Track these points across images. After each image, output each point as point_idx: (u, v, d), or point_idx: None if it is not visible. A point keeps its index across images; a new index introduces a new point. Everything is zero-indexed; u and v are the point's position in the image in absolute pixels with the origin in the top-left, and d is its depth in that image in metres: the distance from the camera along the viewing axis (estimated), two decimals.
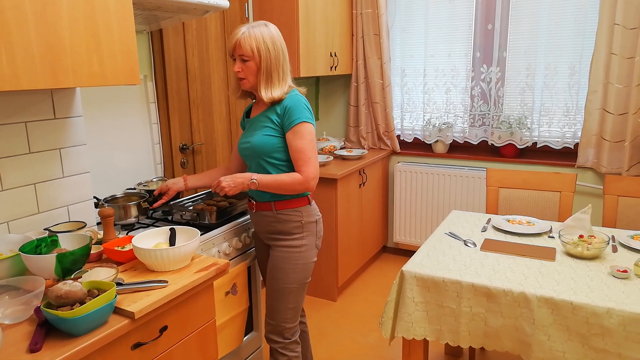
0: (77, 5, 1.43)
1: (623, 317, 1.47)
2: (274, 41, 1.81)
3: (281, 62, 1.82)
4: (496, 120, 3.49)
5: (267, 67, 1.80)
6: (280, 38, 1.84)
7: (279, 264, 1.89)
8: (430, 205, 3.69)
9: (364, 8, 3.61)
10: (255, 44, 1.77)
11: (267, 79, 1.81)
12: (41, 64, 1.35)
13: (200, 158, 2.83)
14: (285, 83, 1.84)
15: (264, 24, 1.83)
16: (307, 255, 1.90)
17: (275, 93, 1.81)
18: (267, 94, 1.81)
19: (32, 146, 1.70)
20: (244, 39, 1.77)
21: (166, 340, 1.45)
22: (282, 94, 1.82)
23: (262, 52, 1.78)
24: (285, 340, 1.94)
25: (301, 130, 1.79)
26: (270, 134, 1.82)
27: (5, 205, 1.64)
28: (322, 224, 1.98)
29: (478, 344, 1.71)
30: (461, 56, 3.54)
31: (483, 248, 1.97)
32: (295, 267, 1.88)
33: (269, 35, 1.80)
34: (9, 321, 1.25)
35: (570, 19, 3.15)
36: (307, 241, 1.90)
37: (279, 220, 1.88)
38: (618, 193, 2.39)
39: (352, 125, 3.90)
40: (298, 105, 1.80)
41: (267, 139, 1.82)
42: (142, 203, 2.04)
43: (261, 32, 1.79)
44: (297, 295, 1.92)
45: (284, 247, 1.89)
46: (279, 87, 1.82)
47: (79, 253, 1.44)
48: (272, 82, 1.81)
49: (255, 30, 1.79)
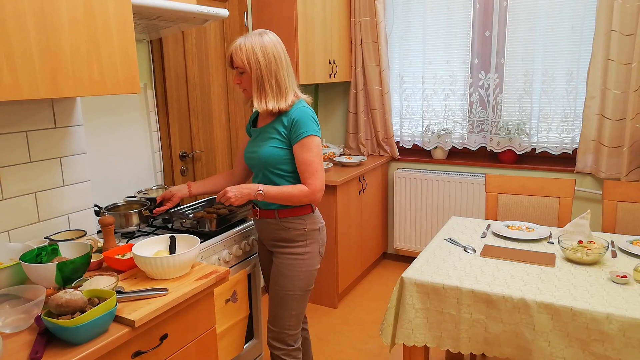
0: (77, 15, 1.44)
1: (623, 322, 1.47)
2: (266, 51, 1.76)
3: (274, 72, 1.78)
4: (495, 126, 3.50)
5: (257, 78, 1.77)
6: (276, 47, 1.79)
7: (283, 271, 1.89)
8: (430, 211, 3.69)
9: (363, 16, 3.63)
10: (245, 57, 1.76)
11: (260, 90, 1.79)
12: (42, 74, 1.36)
13: (200, 165, 2.84)
14: (283, 93, 1.80)
15: (259, 33, 1.80)
16: (310, 262, 1.90)
17: (269, 104, 1.79)
18: (261, 105, 1.79)
19: (33, 155, 1.71)
20: (236, 51, 1.77)
21: (166, 348, 1.45)
22: (282, 105, 1.80)
23: (252, 63, 1.76)
24: (288, 347, 1.93)
25: (308, 143, 1.78)
26: (277, 145, 1.82)
27: (6, 214, 1.64)
28: (325, 231, 1.98)
29: (478, 350, 1.71)
30: (459, 63, 3.56)
31: (483, 254, 1.98)
32: (298, 275, 1.88)
33: (259, 45, 1.76)
34: (10, 330, 1.25)
35: (567, 25, 3.17)
36: (311, 249, 1.90)
37: (282, 228, 1.88)
38: (617, 198, 2.40)
39: (351, 132, 3.92)
40: (305, 118, 1.79)
41: (274, 151, 1.81)
42: (144, 211, 2.04)
43: (252, 43, 1.76)
44: (300, 302, 1.92)
45: (287, 254, 1.89)
46: (272, 98, 1.79)
47: (80, 262, 1.44)
48: (265, 93, 1.79)
49: (247, 41, 1.77)
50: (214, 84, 2.89)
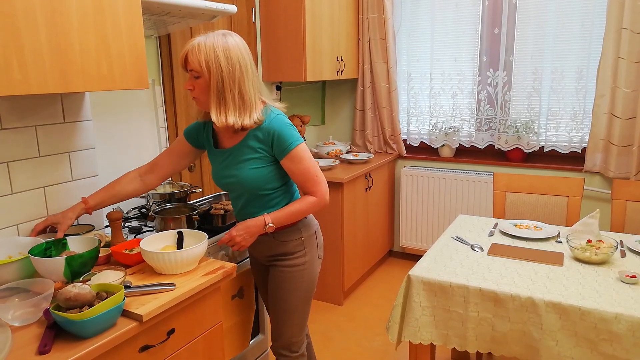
0: (86, 11, 1.44)
1: (632, 322, 1.46)
2: (229, 55, 1.52)
3: (237, 81, 1.53)
4: (503, 124, 3.48)
5: (217, 86, 1.52)
6: (241, 52, 1.55)
7: (282, 285, 1.77)
8: (437, 209, 3.68)
9: (371, 12, 3.62)
10: (204, 58, 1.50)
11: (219, 101, 1.54)
12: (51, 69, 1.37)
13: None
14: (247, 107, 1.57)
15: (223, 33, 1.55)
16: (310, 271, 1.79)
17: (230, 119, 1.54)
18: (220, 119, 1.54)
19: (42, 150, 1.72)
20: (193, 51, 1.52)
21: (173, 343, 1.45)
22: (247, 122, 1.56)
23: (212, 67, 1.51)
24: (293, 353, 1.88)
25: (298, 154, 1.61)
26: (258, 165, 1.63)
27: (15, 208, 1.65)
28: (320, 231, 1.87)
29: (485, 349, 1.70)
30: (467, 60, 3.54)
31: (490, 253, 1.97)
32: (300, 286, 1.78)
33: (223, 47, 1.51)
34: (19, 323, 1.26)
35: (577, 22, 3.14)
36: (310, 256, 1.78)
37: (278, 244, 1.75)
38: (626, 198, 2.38)
39: (358, 130, 3.91)
40: (284, 129, 1.60)
41: (256, 173, 1.63)
42: (194, 217, 1.95)
43: (213, 44, 1.51)
44: (303, 310, 1.83)
45: (285, 267, 1.76)
46: (234, 111, 1.55)
47: (88, 256, 1.45)
48: (226, 105, 1.54)
49: (208, 41, 1.52)
50: None
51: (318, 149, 3.69)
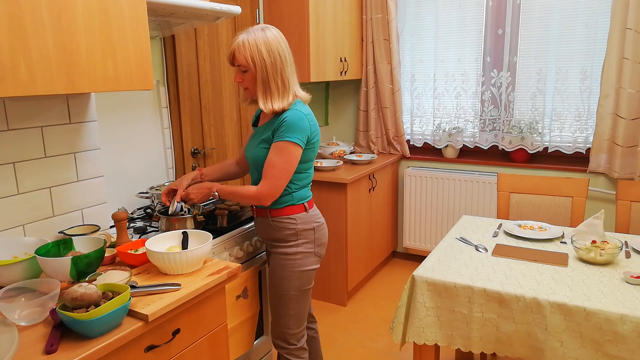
0: (92, 12, 1.45)
1: (637, 323, 1.46)
2: (270, 48, 1.69)
3: (279, 70, 1.71)
4: (507, 125, 3.48)
5: (263, 77, 1.70)
6: (280, 43, 1.72)
7: (276, 271, 1.87)
8: (441, 210, 3.68)
9: (374, 13, 3.62)
10: (249, 54, 1.68)
11: (265, 90, 1.72)
12: (57, 70, 1.37)
13: (212, 162, 2.85)
14: (288, 92, 1.74)
15: (261, 28, 1.72)
16: (303, 262, 1.85)
17: (275, 104, 1.72)
18: (267, 106, 1.72)
19: (48, 150, 1.73)
20: (239, 49, 1.69)
21: (179, 343, 1.46)
22: (285, 104, 1.73)
23: (257, 61, 1.68)
24: (290, 346, 1.91)
25: (283, 147, 1.71)
26: (265, 146, 1.77)
27: (21, 209, 1.66)
28: (324, 230, 1.90)
29: (490, 349, 1.70)
30: (471, 61, 3.53)
31: (495, 253, 1.97)
32: (292, 275, 1.85)
33: (263, 41, 1.68)
34: (25, 323, 1.27)
35: (581, 23, 3.13)
36: (303, 248, 1.84)
37: (274, 227, 1.84)
38: (631, 198, 2.37)
39: (361, 130, 3.91)
40: (294, 124, 1.71)
41: (262, 153, 1.77)
42: (198, 217, 1.98)
43: (255, 40, 1.68)
44: (297, 302, 1.88)
45: (279, 254, 1.85)
46: (278, 97, 1.73)
47: (94, 256, 1.46)
48: (271, 93, 1.72)
49: (250, 37, 1.69)
50: (226, 81, 2.90)
51: (321, 150, 3.69)
